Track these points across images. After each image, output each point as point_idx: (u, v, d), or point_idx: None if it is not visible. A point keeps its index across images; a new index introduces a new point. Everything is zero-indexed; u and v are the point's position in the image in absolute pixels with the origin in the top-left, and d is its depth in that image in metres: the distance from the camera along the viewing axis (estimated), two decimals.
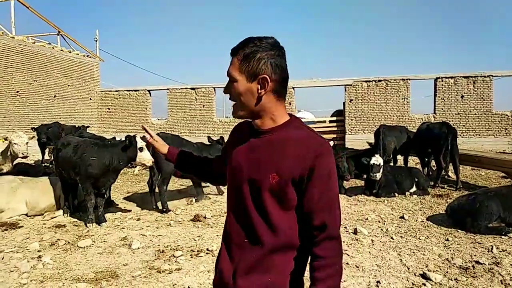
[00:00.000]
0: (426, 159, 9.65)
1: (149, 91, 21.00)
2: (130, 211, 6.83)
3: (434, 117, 17.27)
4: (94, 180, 5.87)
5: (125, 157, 5.91)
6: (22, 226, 5.79)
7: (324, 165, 1.37)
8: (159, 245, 4.93)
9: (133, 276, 3.94)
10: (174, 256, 4.46)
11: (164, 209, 6.67)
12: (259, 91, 1.41)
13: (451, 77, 17.30)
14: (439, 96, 17.45)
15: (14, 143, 7.56)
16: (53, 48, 18.92)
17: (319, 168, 1.35)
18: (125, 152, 5.88)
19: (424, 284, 3.66)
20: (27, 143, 7.72)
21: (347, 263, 4.22)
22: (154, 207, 7.00)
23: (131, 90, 21.13)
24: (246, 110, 1.46)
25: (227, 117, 22.25)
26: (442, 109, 17.39)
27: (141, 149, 5.82)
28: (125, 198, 7.99)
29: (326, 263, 1.38)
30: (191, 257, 4.44)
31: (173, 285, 3.72)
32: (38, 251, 4.72)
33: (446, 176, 9.64)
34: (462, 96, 17.20)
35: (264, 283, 1.42)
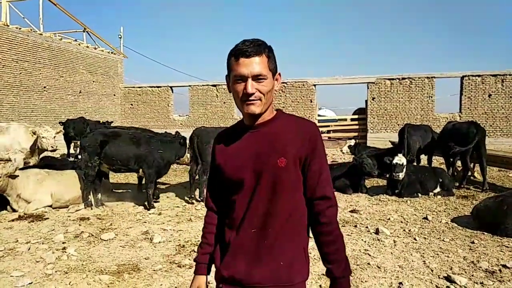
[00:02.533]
0: (451, 159, 9.42)
1: (171, 87, 21.22)
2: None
3: (459, 116, 16.84)
4: (160, 170, 6.90)
5: (179, 152, 7.12)
6: (47, 218, 5.95)
7: (321, 144, 1.55)
8: (179, 240, 4.98)
9: (154, 270, 3.99)
10: (195, 251, 4.49)
11: (201, 199, 7.09)
12: (275, 87, 1.55)
13: (478, 75, 16.81)
14: (465, 95, 16.99)
15: (43, 137, 7.76)
16: (79, 44, 19.33)
17: (318, 147, 1.54)
18: (179, 149, 7.09)
19: (449, 287, 3.57)
20: (54, 137, 7.93)
21: (368, 263, 4.15)
22: (192, 196, 7.27)
23: (154, 87, 21.39)
24: (266, 106, 1.53)
25: None
26: (468, 108, 16.94)
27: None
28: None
29: (332, 228, 1.53)
30: None
31: None
32: (63, 242, 4.83)
33: (471, 177, 9.39)
34: (489, 95, 16.70)
35: (277, 267, 1.49)
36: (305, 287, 1.56)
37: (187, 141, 7.34)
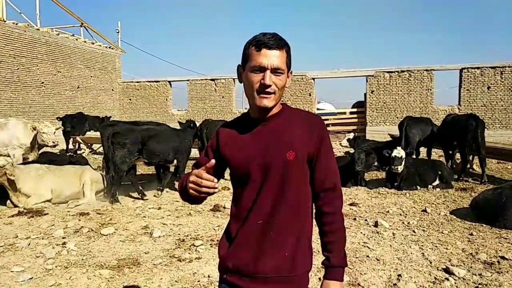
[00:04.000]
0: (450, 152, 9.43)
1: (169, 82, 21.17)
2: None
3: (458, 108, 16.84)
4: (188, 157, 7.69)
5: (191, 137, 7.83)
6: (47, 214, 5.95)
7: (327, 138, 1.59)
8: (179, 234, 4.99)
9: (154, 264, 4.00)
10: (194, 245, 4.51)
11: None
12: (286, 83, 1.56)
13: (477, 68, 16.78)
14: (464, 87, 16.97)
15: (43, 133, 7.75)
16: (76, 39, 19.24)
17: (326, 141, 1.58)
18: (191, 132, 7.85)
19: (447, 279, 3.59)
20: (54, 132, 7.92)
21: (368, 256, 4.17)
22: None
23: (152, 81, 21.34)
24: (278, 101, 1.54)
25: (245, 108, 22.24)
26: (467, 100, 16.93)
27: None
28: (145, 188, 8.09)
29: (337, 218, 1.58)
30: (211, 246, 4.48)
31: (193, 273, 3.76)
32: (63, 238, 4.84)
33: (470, 170, 9.41)
34: (488, 87, 16.69)
35: (282, 258, 1.51)
36: (308, 278, 1.58)
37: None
